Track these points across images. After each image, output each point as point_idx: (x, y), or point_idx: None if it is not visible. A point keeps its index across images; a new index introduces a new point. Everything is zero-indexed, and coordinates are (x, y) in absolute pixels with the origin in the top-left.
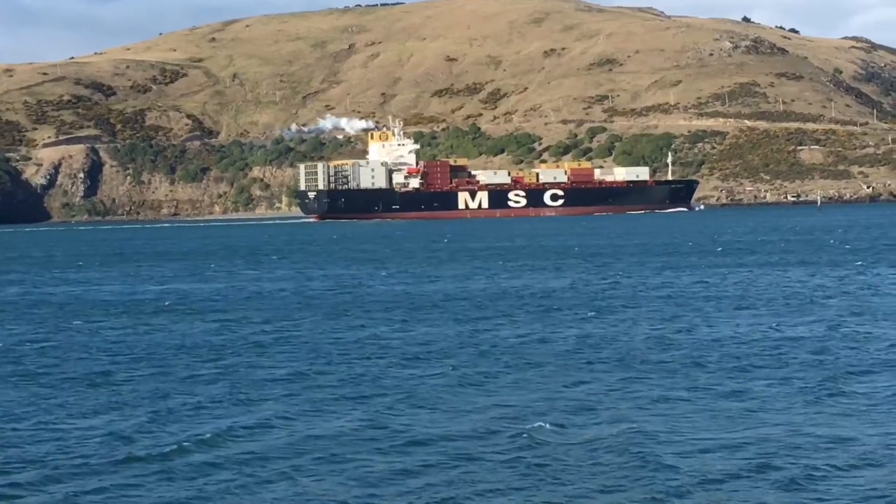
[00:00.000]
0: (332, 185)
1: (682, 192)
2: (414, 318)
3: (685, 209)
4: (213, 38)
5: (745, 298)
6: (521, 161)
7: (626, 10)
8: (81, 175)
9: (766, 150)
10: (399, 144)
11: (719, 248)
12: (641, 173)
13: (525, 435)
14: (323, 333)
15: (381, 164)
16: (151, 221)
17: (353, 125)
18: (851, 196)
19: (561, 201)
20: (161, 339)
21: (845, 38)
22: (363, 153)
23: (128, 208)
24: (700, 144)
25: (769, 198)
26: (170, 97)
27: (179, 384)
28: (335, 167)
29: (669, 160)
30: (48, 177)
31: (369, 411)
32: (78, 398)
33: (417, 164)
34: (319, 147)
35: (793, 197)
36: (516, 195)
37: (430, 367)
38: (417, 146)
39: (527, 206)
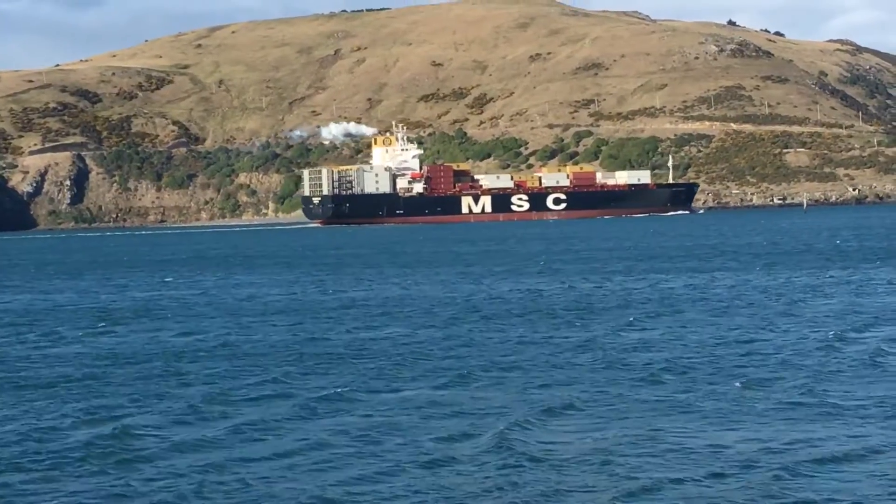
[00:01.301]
0: (337, 191)
1: (682, 195)
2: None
3: (686, 212)
4: (199, 45)
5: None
6: (508, 165)
7: (612, 14)
8: (68, 182)
9: (752, 152)
10: (403, 149)
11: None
12: (643, 177)
13: (499, 437)
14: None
15: (385, 169)
16: (138, 228)
17: (360, 130)
18: (837, 199)
19: (563, 205)
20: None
21: (830, 40)
22: (350, 158)
23: (114, 215)
24: (686, 148)
25: (755, 200)
26: (156, 104)
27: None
28: (339, 172)
29: (670, 164)
30: (34, 184)
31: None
32: (54, 402)
33: (421, 168)
34: (306, 153)
35: (779, 200)
36: (519, 199)
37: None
38: (421, 151)
39: (530, 210)
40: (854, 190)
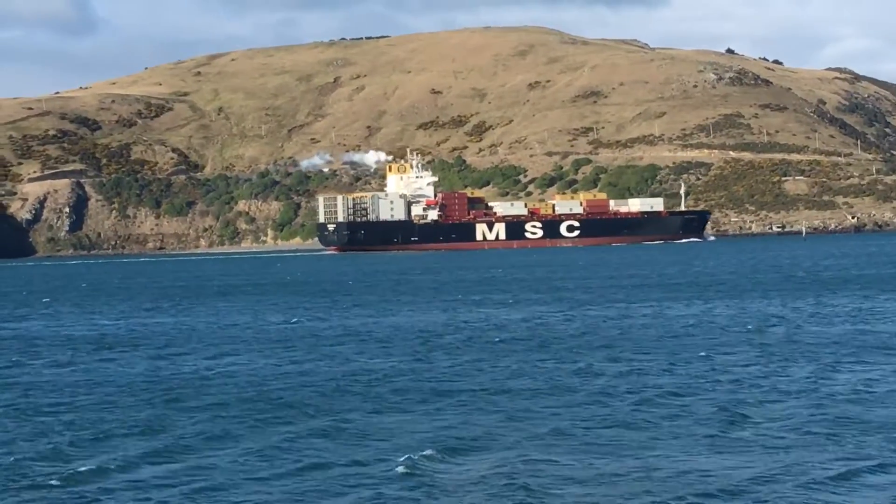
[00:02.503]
0: (352, 218)
1: (694, 222)
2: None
3: (698, 239)
4: (198, 72)
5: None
6: (507, 193)
7: (610, 43)
8: (67, 209)
9: (750, 180)
10: (417, 177)
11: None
12: (656, 204)
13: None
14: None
15: (400, 196)
16: (137, 255)
17: (379, 157)
18: (836, 226)
19: (577, 232)
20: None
21: (829, 68)
22: (349, 186)
23: (113, 242)
24: (685, 175)
25: (754, 228)
26: (155, 131)
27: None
28: (354, 199)
29: (682, 191)
30: (33, 211)
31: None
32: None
33: (436, 195)
34: (305, 181)
35: (777, 227)
36: (533, 226)
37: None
38: (436, 178)
39: (543, 237)
40: (853, 218)
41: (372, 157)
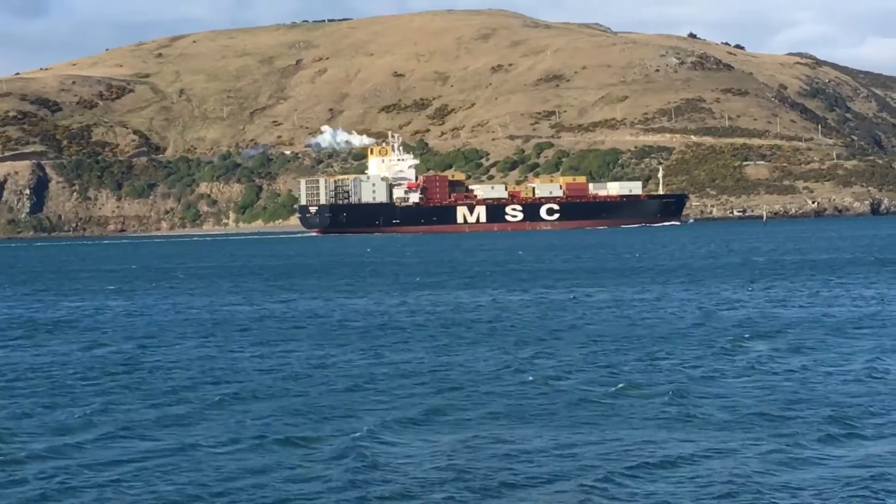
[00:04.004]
0: (334, 200)
1: (673, 206)
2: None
3: (677, 223)
4: (160, 54)
5: None
6: (469, 177)
7: (573, 27)
8: (27, 191)
9: (712, 165)
10: (399, 160)
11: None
12: (634, 188)
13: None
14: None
15: (382, 178)
16: (99, 238)
17: (361, 140)
18: (797, 211)
19: (556, 215)
20: None
21: (790, 53)
22: (311, 169)
23: (74, 224)
24: (647, 160)
25: (715, 213)
26: (116, 113)
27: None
28: (336, 182)
29: (660, 174)
30: None
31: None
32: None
33: (417, 178)
34: (267, 163)
35: (738, 212)
36: (513, 209)
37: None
38: (417, 161)
39: (523, 220)
40: (813, 203)
41: (341, 137)
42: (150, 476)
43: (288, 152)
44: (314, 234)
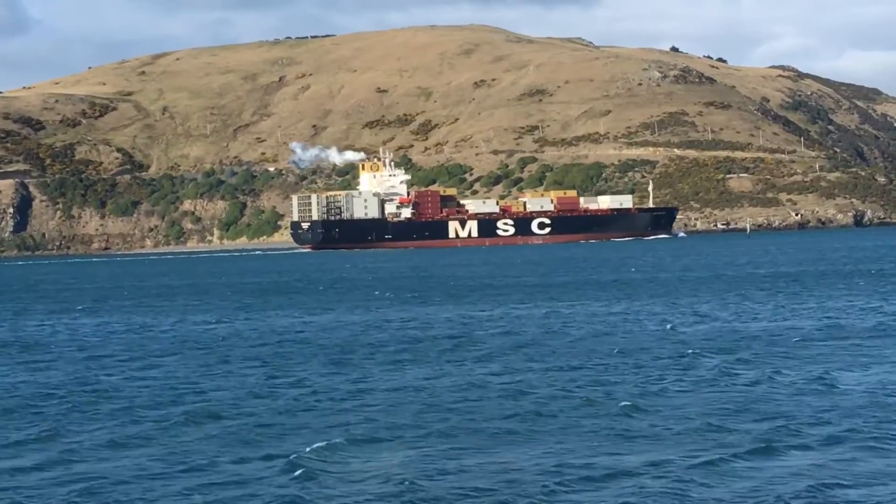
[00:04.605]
0: (326, 216)
1: (663, 219)
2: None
3: (667, 236)
4: (143, 72)
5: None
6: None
7: (556, 41)
8: (11, 210)
9: (695, 178)
10: (391, 175)
11: None
12: (625, 201)
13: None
14: None
15: (374, 194)
16: (83, 256)
17: (345, 157)
18: (780, 223)
19: (548, 229)
20: None
21: (773, 66)
22: (295, 185)
23: (58, 243)
24: (630, 173)
25: (699, 226)
26: (99, 131)
27: None
28: (328, 198)
29: (650, 188)
30: None
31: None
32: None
33: (409, 194)
34: (251, 180)
35: (722, 225)
36: (505, 224)
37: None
38: (408, 177)
39: (515, 234)
40: (796, 215)
41: (311, 154)
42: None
43: (272, 169)
44: (306, 249)
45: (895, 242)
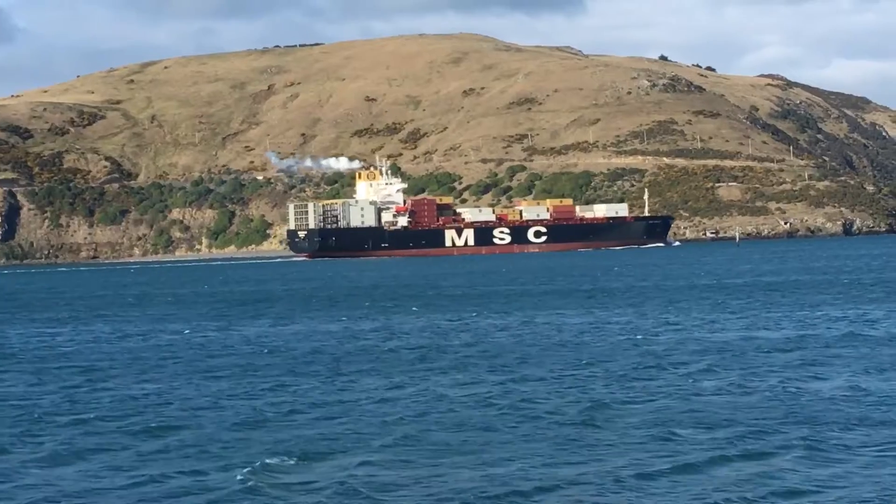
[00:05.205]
0: (322, 224)
1: (658, 227)
2: None
3: (662, 245)
4: (131, 80)
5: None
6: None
7: (545, 50)
8: None
9: (684, 187)
10: (387, 183)
11: None
12: (621, 210)
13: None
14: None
15: (370, 202)
16: (72, 265)
17: (342, 164)
18: (770, 232)
19: (544, 238)
20: None
21: (761, 75)
22: (283, 194)
23: (46, 252)
24: (619, 182)
25: (688, 234)
26: (88, 139)
27: None
28: (325, 206)
29: (646, 196)
30: None
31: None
32: None
33: (405, 202)
34: (239, 188)
35: (711, 233)
36: (501, 232)
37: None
38: (405, 185)
39: (511, 242)
40: (786, 223)
41: (287, 163)
42: None
43: (261, 178)
44: (303, 258)
45: (881, 251)
